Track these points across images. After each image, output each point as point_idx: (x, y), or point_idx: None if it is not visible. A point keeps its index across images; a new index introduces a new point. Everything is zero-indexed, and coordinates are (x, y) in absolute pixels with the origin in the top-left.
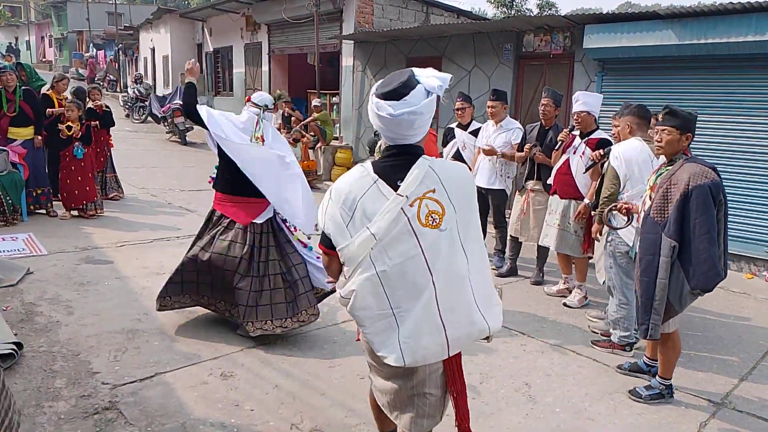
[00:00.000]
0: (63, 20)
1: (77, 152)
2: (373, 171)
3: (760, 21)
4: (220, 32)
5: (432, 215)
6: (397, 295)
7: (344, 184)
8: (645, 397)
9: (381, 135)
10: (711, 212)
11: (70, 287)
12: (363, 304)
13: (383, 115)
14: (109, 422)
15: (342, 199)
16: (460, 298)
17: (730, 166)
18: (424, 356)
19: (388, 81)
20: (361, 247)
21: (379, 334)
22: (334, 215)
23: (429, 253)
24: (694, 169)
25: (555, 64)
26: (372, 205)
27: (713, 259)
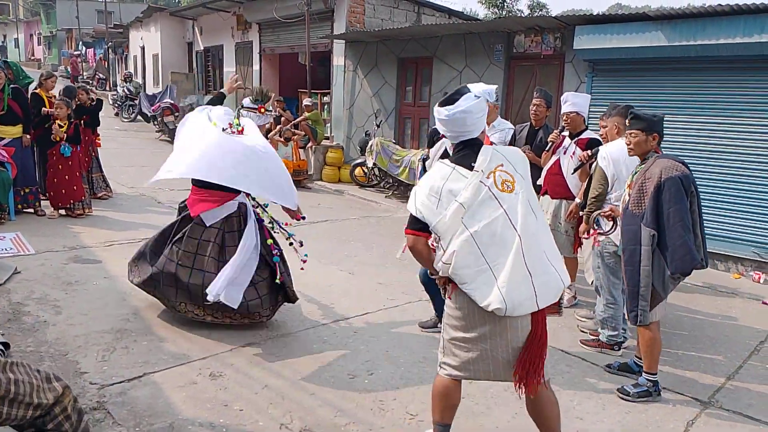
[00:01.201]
0: (52, 18)
1: (64, 151)
2: (450, 163)
3: (748, 23)
4: (210, 31)
5: (506, 183)
6: (490, 251)
7: (427, 180)
8: (633, 394)
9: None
10: (683, 202)
11: (58, 287)
12: (463, 263)
13: (442, 118)
14: (96, 422)
15: (428, 188)
16: (537, 250)
17: (718, 166)
18: (520, 303)
19: (449, 94)
20: (453, 216)
21: (480, 287)
22: (424, 202)
23: (510, 212)
24: (666, 164)
25: (545, 64)
26: (455, 185)
27: (689, 245)
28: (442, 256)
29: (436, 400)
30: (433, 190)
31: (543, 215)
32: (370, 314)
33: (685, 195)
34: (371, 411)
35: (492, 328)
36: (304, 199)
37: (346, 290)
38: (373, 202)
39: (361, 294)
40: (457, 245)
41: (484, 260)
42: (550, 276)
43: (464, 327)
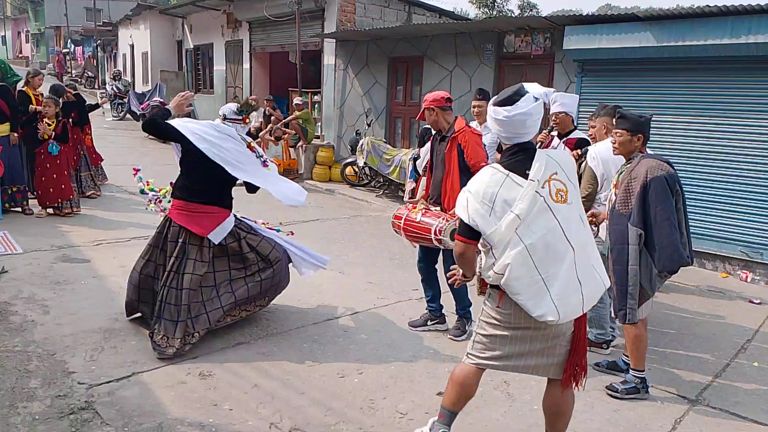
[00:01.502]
0: (40, 15)
1: (52, 150)
2: (503, 168)
3: (736, 24)
4: (200, 29)
5: (560, 193)
6: (544, 263)
7: (479, 184)
8: (621, 391)
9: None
10: (669, 201)
11: (46, 286)
12: (516, 274)
13: (500, 118)
14: (85, 422)
15: (480, 196)
16: (587, 260)
17: (706, 166)
18: (572, 311)
19: (504, 92)
20: (508, 228)
21: (532, 298)
22: (477, 210)
23: (564, 224)
24: (651, 163)
25: (535, 64)
26: (509, 194)
27: (675, 243)
28: (494, 265)
29: (454, 387)
30: (487, 197)
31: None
32: (360, 313)
33: (671, 194)
34: (361, 410)
35: (537, 331)
36: None
37: (336, 289)
38: (364, 202)
39: (351, 293)
40: (511, 257)
41: (537, 272)
42: (596, 283)
43: (508, 327)
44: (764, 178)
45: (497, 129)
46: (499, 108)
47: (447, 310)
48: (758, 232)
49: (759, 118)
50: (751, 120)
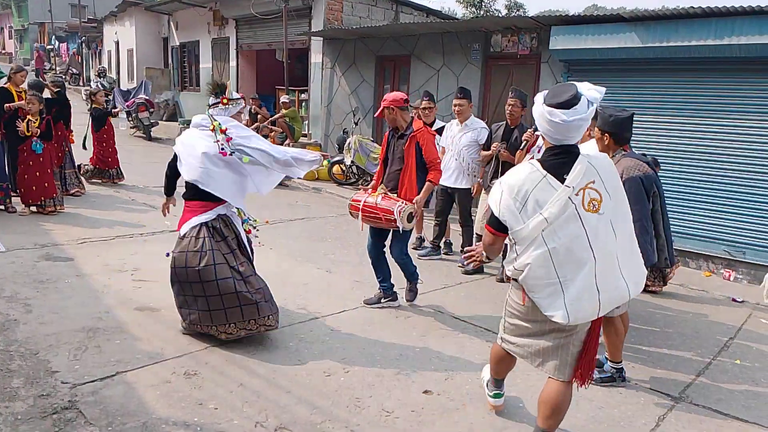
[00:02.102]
0: (24, 11)
1: (35, 147)
2: (542, 168)
3: (719, 26)
4: (186, 26)
5: (593, 202)
6: (563, 268)
7: (516, 180)
8: (597, 379)
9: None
10: (642, 202)
11: (29, 284)
12: (535, 274)
13: (557, 122)
14: (68, 422)
15: (515, 192)
16: (611, 269)
17: (690, 166)
18: (584, 317)
19: (558, 92)
20: (534, 229)
21: (546, 298)
22: (508, 205)
23: (591, 234)
24: (629, 163)
25: (522, 64)
26: (542, 195)
27: (644, 245)
28: (515, 260)
29: (493, 361)
30: (520, 194)
31: (632, 230)
32: (347, 312)
33: (646, 196)
34: (347, 408)
35: (552, 325)
36: (281, 197)
37: (323, 288)
38: None
39: (338, 292)
40: (532, 258)
41: (555, 275)
42: (620, 291)
43: (526, 319)
44: (747, 178)
45: (547, 129)
46: (556, 110)
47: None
48: (741, 232)
49: (743, 119)
50: (734, 120)
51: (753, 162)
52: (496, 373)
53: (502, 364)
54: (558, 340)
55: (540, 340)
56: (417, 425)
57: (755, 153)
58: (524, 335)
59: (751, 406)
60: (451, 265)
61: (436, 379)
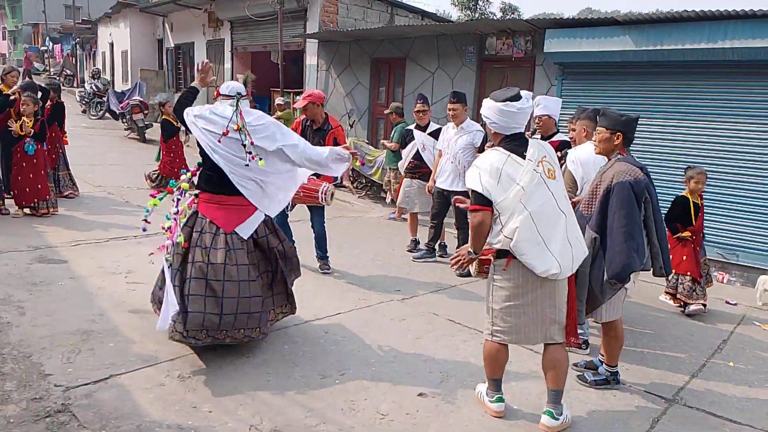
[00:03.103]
0: (18, 12)
1: (28, 149)
2: (505, 150)
3: (712, 29)
4: (181, 28)
5: (550, 171)
6: (543, 227)
7: (488, 161)
8: (591, 382)
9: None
10: (630, 208)
11: (22, 287)
12: (523, 237)
13: (513, 111)
14: (61, 425)
15: (490, 170)
16: (574, 226)
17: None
18: (568, 267)
19: (504, 93)
20: (515, 197)
21: (537, 256)
22: (488, 181)
23: (556, 196)
24: (621, 168)
25: (516, 67)
26: (512, 170)
27: (627, 252)
28: (501, 231)
29: (488, 361)
30: (494, 171)
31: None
32: (342, 314)
33: (636, 201)
34: (342, 411)
35: (543, 291)
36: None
37: (318, 290)
38: (346, 203)
39: (333, 294)
40: (519, 222)
41: (539, 234)
42: (581, 246)
43: (517, 295)
44: (740, 181)
45: (501, 120)
46: (512, 102)
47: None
48: (734, 234)
49: (735, 122)
50: (727, 123)
51: (746, 165)
52: (492, 374)
53: (497, 361)
54: (551, 302)
55: (535, 310)
56: (412, 428)
57: (748, 156)
58: (516, 314)
59: (745, 408)
60: (445, 267)
61: (431, 381)
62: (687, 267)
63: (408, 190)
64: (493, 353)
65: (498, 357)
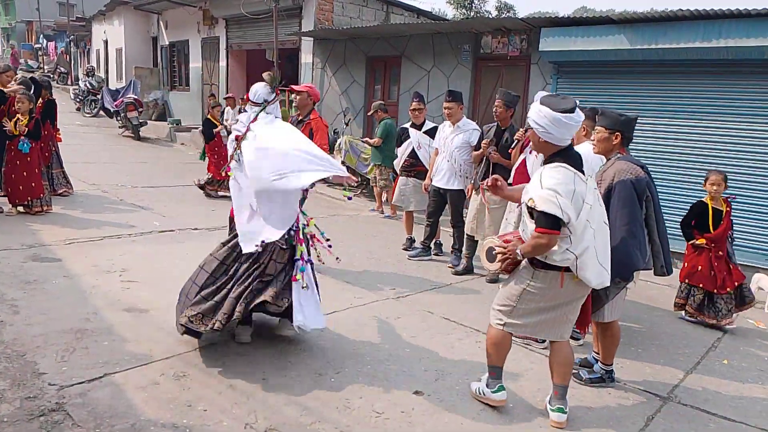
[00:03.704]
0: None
1: (22, 147)
2: (570, 167)
3: (707, 28)
4: (176, 26)
5: (596, 186)
6: (599, 242)
7: (564, 183)
8: (586, 380)
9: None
10: (632, 206)
11: (16, 285)
12: (589, 254)
13: (571, 124)
14: (55, 424)
15: (565, 192)
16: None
17: (679, 167)
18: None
19: (562, 102)
20: (584, 216)
21: (593, 271)
22: (566, 204)
23: (602, 210)
24: (622, 166)
25: (512, 65)
26: (579, 188)
27: (629, 250)
28: (567, 250)
29: (493, 349)
30: (570, 193)
31: None
32: (337, 312)
33: (637, 200)
34: (337, 409)
35: (576, 298)
36: None
37: None
38: (341, 201)
39: (329, 292)
40: (588, 241)
41: (594, 249)
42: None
43: (549, 301)
44: (737, 180)
45: (559, 131)
46: (571, 114)
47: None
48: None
49: (730, 120)
50: (722, 122)
51: (741, 163)
52: (496, 361)
53: (503, 348)
54: (570, 308)
55: (551, 313)
56: (407, 426)
57: (743, 154)
58: (538, 313)
59: (739, 405)
60: (441, 265)
61: (426, 379)
62: (700, 278)
63: (404, 189)
64: (500, 340)
65: (504, 344)
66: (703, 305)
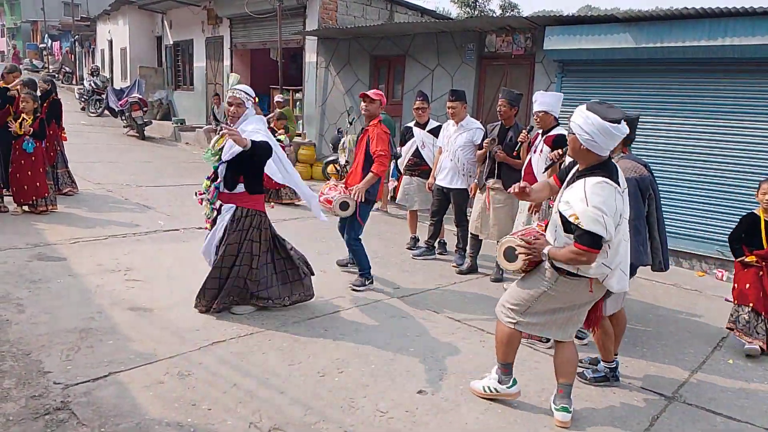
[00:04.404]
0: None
1: (27, 146)
2: (611, 181)
3: (712, 26)
4: (180, 25)
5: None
6: (624, 251)
7: (608, 203)
8: (590, 378)
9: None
10: (636, 204)
11: (21, 285)
12: (623, 266)
13: (618, 135)
14: (60, 423)
15: (612, 212)
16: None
17: (683, 166)
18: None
19: (610, 111)
20: (621, 232)
21: (618, 278)
22: (611, 225)
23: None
24: (626, 165)
25: (516, 64)
26: (620, 205)
27: (636, 247)
28: (605, 262)
29: (503, 346)
30: (613, 212)
31: None
32: (341, 312)
33: (641, 197)
34: (341, 409)
35: (590, 302)
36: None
37: (317, 288)
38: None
39: (332, 292)
40: (623, 256)
41: (620, 259)
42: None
43: (566, 305)
44: (739, 178)
45: (604, 141)
46: (619, 126)
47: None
48: None
49: (735, 119)
50: (727, 121)
51: (747, 162)
52: (507, 357)
53: (513, 345)
54: (583, 310)
55: (565, 313)
56: (411, 425)
57: (747, 153)
58: (552, 313)
59: (744, 405)
60: (445, 264)
61: (431, 379)
62: (749, 297)
63: (407, 188)
64: (511, 338)
65: (514, 341)
66: (750, 326)
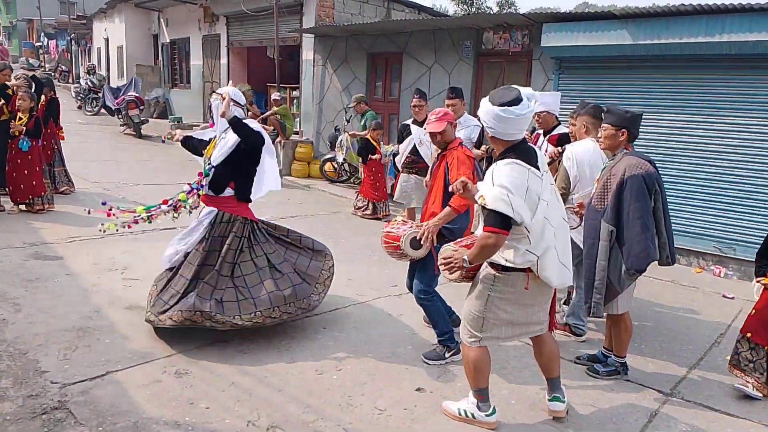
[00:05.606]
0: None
1: (22, 145)
2: (523, 163)
3: (710, 23)
4: (177, 23)
5: (552, 178)
6: (559, 240)
7: (515, 180)
8: (602, 373)
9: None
10: (644, 200)
11: (18, 284)
12: (550, 254)
13: (511, 117)
14: (58, 422)
15: (517, 189)
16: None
17: (680, 163)
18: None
19: (503, 94)
20: (541, 214)
21: (555, 271)
22: (520, 205)
23: (560, 204)
24: (631, 161)
25: (513, 61)
26: (535, 185)
27: (645, 242)
28: (529, 249)
29: (475, 372)
30: (522, 191)
31: None
32: (339, 310)
33: (648, 193)
34: (339, 407)
35: (542, 298)
36: (272, 195)
37: None
38: (343, 198)
39: (330, 290)
40: (549, 241)
41: (555, 248)
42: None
43: (517, 305)
44: (737, 175)
45: (501, 126)
46: (510, 108)
47: None
48: (731, 228)
49: (733, 116)
50: (725, 117)
51: (743, 159)
52: (481, 383)
53: (484, 368)
54: (546, 307)
55: (520, 316)
56: (410, 423)
57: (745, 150)
58: (508, 317)
59: (742, 401)
60: None
61: (429, 376)
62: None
63: (405, 185)
64: (479, 360)
65: (485, 363)
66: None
